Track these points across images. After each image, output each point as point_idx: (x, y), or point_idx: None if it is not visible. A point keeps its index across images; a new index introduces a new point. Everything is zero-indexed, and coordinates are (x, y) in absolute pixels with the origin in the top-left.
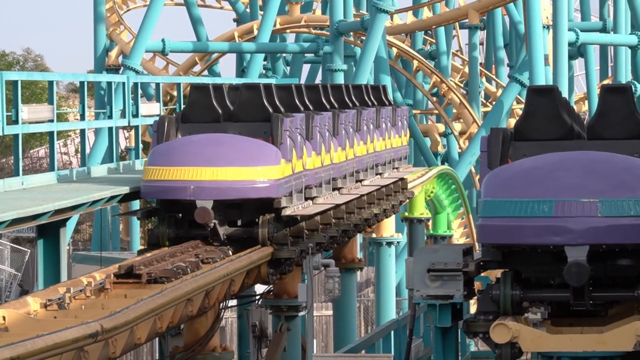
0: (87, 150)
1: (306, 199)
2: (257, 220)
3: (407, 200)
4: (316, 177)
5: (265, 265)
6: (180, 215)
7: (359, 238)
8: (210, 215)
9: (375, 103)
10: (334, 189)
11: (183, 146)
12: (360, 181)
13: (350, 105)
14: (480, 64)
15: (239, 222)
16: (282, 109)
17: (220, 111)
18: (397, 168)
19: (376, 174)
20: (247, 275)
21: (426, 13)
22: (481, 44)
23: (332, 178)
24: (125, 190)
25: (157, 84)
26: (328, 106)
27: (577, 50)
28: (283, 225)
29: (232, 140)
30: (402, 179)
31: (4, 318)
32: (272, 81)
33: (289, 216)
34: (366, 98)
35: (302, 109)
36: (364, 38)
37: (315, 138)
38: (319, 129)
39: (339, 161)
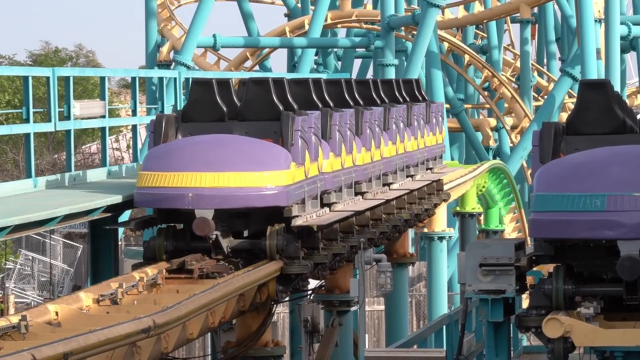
0: (139, 146)
1: (324, 205)
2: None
3: (442, 203)
4: (335, 181)
5: (273, 281)
6: (179, 225)
7: (410, 233)
8: (210, 227)
9: (408, 99)
10: (357, 194)
11: (181, 148)
12: (389, 185)
13: (378, 102)
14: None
15: (246, 233)
16: (295, 106)
17: (225, 109)
18: (431, 169)
19: (407, 177)
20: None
21: (477, 7)
22: (533, 38)
23: (355, 182)
24: None
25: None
26: (352, 103)
27: (629, 44)
28: (295, 236)
29: (236, 141)
30: (436, 181)
31: (57, 313)
32: (323, 76)
33: (300, 227)
34: (397, 94)
35: (320, 105)
36: (415, 32)
37: (334, 138)
38: (338, 127)
39: (363, 163)
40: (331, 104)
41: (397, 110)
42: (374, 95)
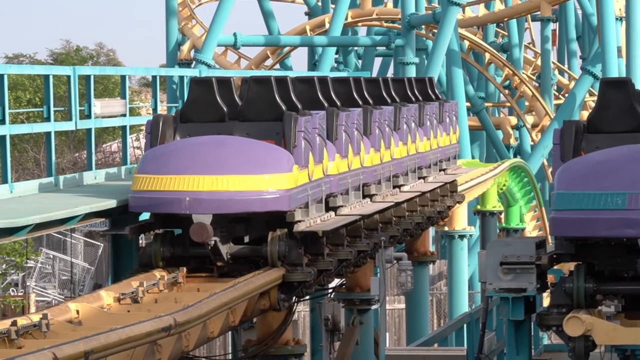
0: None
1: (330, 209)
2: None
3: (456, 206)
4: (341, 184)
5: (275, 290)
6: (177, 230)
7: (431, 231)
8: (208, 233)
9: (420, 98)
10: (365, 197)
11: (177, 150)
12: (399, 187)
13: (389, 101)
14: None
15: (247, 239)
16: (299, 106)
17: (225, 109)
18: (444, 170)
19: (419, 178)
20: (251, 302)
21: (498, 5)
22: (554, 44)
23: (364, 184)
24: None
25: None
26: (360, 102)
27: None
28: (297, 242)
29: (235, 143)
30: (450, 182)
31: (77, 312)
32: (344, 74)
33: (303, 232)
34: (409, 93)
35: (325, 105)
36: (435, 31)
37: (341, 139)
38: (345, 128)
39: (372, 164)
40: (338, 104)
41: (408, 109)
42: (385, 94)
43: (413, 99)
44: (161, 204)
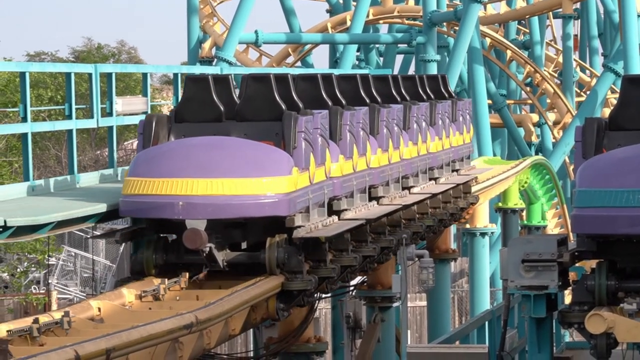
0: None
1: (333, 212)
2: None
3: (471, 207)
4: (345, 187)
5: (273, 299)
6: (171, 236)
7: (452, 229)
8: (202, 239)
9: (432, 96)
10: (372, 199)
11: (170, 152)
12: (409, 188)
13: (398, 99)
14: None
15: (244, 245)
16: (300, 105)
17: (222, 108)
18: (457, 171)
19: (430, 179)
20: (249, 312)
21: (519, 3)
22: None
23: (370, 186)
24: None
25: None
26: (368, 100)
27: None
28: (297, 248)
29: (232, 144)
30: (463, 183)
31: (99, 309)
32: (365, 72)
33: (302, 238)
34: (420, 90)
35: (329, 103)
36: (457, 28)
37: (345, 139)
38: (349, 127)
39: (379, 165)
40: (343, 102)
41: (418, 108)
42: (394, 92)
43: (424, 97)
44: (152, 209)
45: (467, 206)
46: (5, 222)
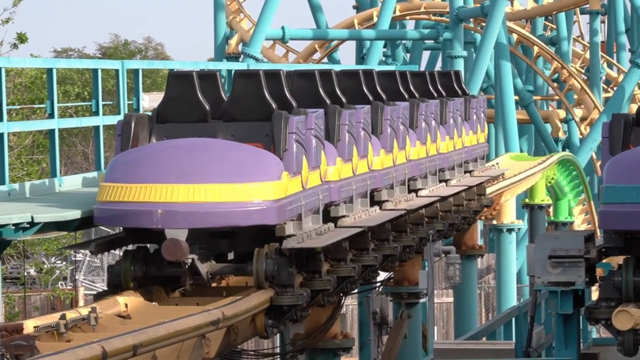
0: None
1: (330, 219)
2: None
3: (484, 210)
4: (343, 191)
5: (261, 315)
6: (153, 245)
7: (479, 224)
8: (182, 250)
9: (444, 93)
10: (374, 204)
11: (149, 155)
12: (416, 191)
13: (406, 96)
14: (602, 41)
15: (232, 256)
16: (293, 104)
17: (207, 107)
18: (470, 172)
19: (440, 182)
20: (230, 331)
21: None
22: (602, 22)
23: (373, 190)
24: None
25: None
26: (371, 98)
27: None
28: (288, 259)
29: (216, 146)
30: (477, 185)
31: (126, 305)
32: (392, 68)
33: (293, 249)
34: (430, 88)
35: (327, 102)
36: (484, 24)
37: (343, 140)
38: (349, 127)
39: (382, 167)
40: (344, 100)
41: (427, 105)
42: (402, 89)
43: (435, 94)
44: (129, 218)
45: (481, 209)
46: (32, 218)
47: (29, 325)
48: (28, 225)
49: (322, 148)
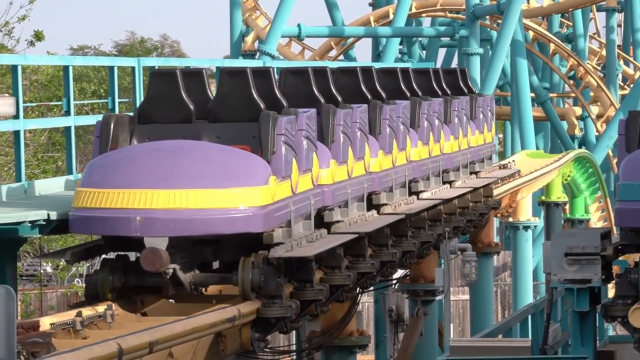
0: None
1: (323, 224)
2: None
3: (492, 212)
4: (337, 195)
5: (247, 328)
6: (132, 254)
7: (495, 222)
8: (162, 260)
9: (449, 91)
10: (371, 208)
11: (127, 159)
12: (417, 194)
13: (408, 94)
14: (618, 46)
15: (217, 265)
16: (284, 103)
17: (191, 107)
18: (477, 173)
19: (443, 183)
20: (215, 344)
21: None
22: (619, 26)
23: (370, 193)
24: None
25: None
26: (370, 96)
27: None
28: (276, 269)
29: (198, 149)
30: (483, 187)
31: (142, 302)
32: (408, 65)
33: (280, 258)
34: (434, 85)
35: (322, 101)
36: (500, 21)
37: (338, 141)
38: (343, 128)
39: (380, 169)
40: (339, 99)
41: (430, 104)
42: (403, 87)
43: (439, 92)
44: (105, 225)
45: (488, 212)
46: (48, 215)
47: (45, 323)
48: (44, 223)
49: (314, 150)
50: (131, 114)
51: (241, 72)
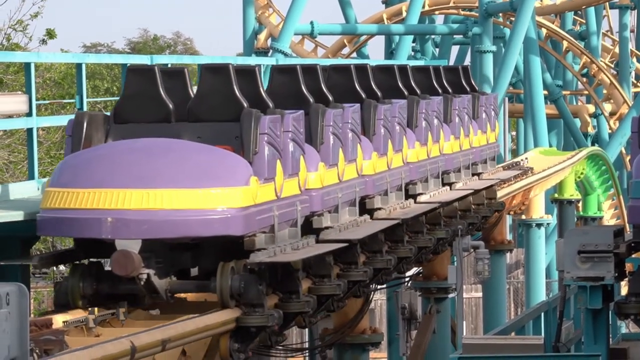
0: None
1: (312, 230)
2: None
3: (495, 215)
4: (327, 200)
5: (226, 337)
6: (106, 261)
7: (508, 219)
8: (134, 264)
9: (450, 90)
10: (364, 212)
11: (99, 157)
12: (415, 197)
13: (406, 93)
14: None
15: (196, 272)
16: (270, 103)
17: (170, 106)
18: (479, 174)
19: (443, 185)
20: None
21: None
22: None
23: (365, 197)
24: None
25: None
26: (364, 95)
27: None
28: (258, 276)
29: (175, 148)
30: (486, 188)
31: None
32: (421, 63)
33: (261, 263)
34: (435, 84)
35: (311, 101)
36: (513, 19)
37: (327, 143)
38: (333, 129)
39: (374, 172)
40: (330, 98)
41: (428, 103)
42: (401, 85)
43: (440, 90)
44: (75, 227)
45: (491, 214)
46: None
47: (57, 320)
48: None
49: (302, 153)
50: (108, 113)
51: (223, 68)
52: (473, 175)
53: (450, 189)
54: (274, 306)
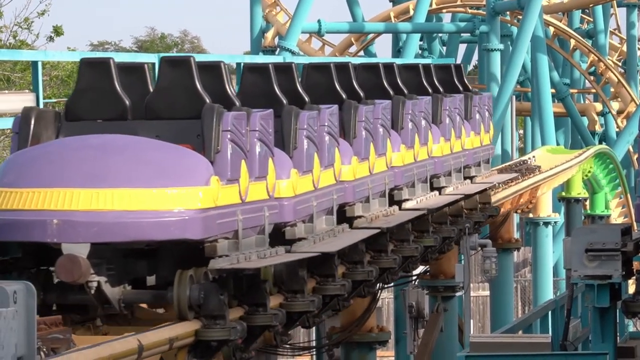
0: None
1: (286, 242)
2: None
3: (489, 220)
4: (300, 209)
5: (183, 352)
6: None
7: (515, 218)
8: (81, 269)
9: (441, 89)
10: (345, 220)
11: (47, 155)
12: (399, 203)
13: (392, 92)
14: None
15: (154, 280)
16: (236, 102)
17: (127, 102)
18: (472, 178)
19: (432, 190)
20: None
21: None
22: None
23: (344, 204)
24: None
25: None
26: (344, 95)
27: None
28: (219, 285)
29: (129, 145)
30: (479, 193)
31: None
32: (428, 61)
33: (222, 270)
34: (425, 83)
35: (284, 102)
36: (520, 17)
37: (301, 148)
38: (307, 133)
39: (354, 178)
40: (306, 99)
41: (416, 103)
42: (386, 84)
43: (430, 89)
44: (18, 230)
45: (484, 220)
46: None
47: (65, 319)
48: None
49: (271, 156)
50: (58, 109)
51: (183, 61)
52: (465, 179)
53: (440, 194)
54: (240, 318)
